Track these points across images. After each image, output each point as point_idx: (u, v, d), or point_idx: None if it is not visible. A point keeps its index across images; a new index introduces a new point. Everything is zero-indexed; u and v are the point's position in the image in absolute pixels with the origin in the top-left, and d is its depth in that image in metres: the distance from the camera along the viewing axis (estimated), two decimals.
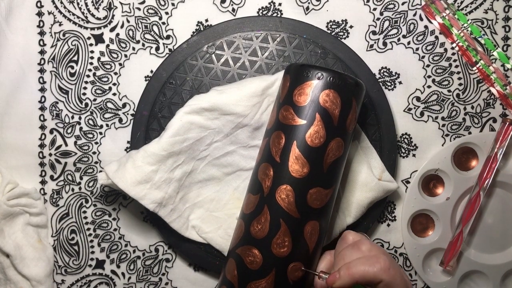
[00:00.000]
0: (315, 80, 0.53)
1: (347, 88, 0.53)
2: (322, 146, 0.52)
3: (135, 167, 0.57)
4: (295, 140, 0.52)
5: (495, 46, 0.65)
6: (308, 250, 0.52)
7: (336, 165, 0.53)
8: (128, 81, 0.66)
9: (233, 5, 0.65)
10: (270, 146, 0.54)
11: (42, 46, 0.66)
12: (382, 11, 0.65)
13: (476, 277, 0.66)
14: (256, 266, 0.52)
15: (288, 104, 0.54)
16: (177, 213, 0.61)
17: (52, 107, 0.66)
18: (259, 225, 0.53)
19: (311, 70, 0.53)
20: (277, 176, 0.52)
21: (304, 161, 0.52)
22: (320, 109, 0.52)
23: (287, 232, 0.52)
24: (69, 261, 0.67)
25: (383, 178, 0.62)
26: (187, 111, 0.59)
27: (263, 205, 0.53)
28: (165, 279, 0.67)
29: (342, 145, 0.53)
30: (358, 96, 0.55)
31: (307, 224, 0.52)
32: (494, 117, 0.65)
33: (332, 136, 0.52)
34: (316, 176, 0.52)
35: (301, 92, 0.53)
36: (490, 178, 0.63)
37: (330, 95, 0.52)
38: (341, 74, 0.53)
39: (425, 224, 0.66)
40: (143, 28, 0.65)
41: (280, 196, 0.52)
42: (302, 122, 0.52)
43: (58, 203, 0.66)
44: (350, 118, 0.53)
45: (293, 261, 0.52)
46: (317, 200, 0.52)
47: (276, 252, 0.52)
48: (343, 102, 0.53)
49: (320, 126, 0.52)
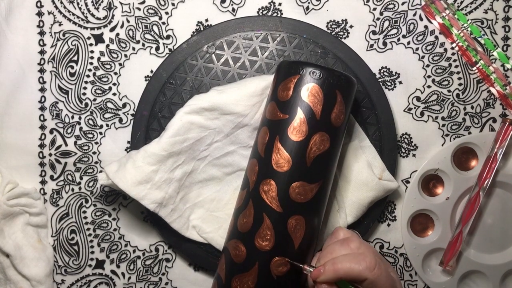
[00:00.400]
0: (297, 76, 0.53)
1: (330, 82, 0.53)
2: (304, 140, 0.52)
3: (135, 167, 0.57)
4: (278, 134, 0.53)
5: (495, 46, 0.65)
6: (293, 245, 0.52)
7: (322, 160, 0.53)
8: (128, 81, 0.66)
9: (233, 5, 0.65)
10: (258, 142, 0.55)
11: (42, 46, 0.66)
12: (382, 11, 0.65)
13: (475, 277, 0.66)
14: (241, 259, 0.53)
15: (273, 100, 0.55)
16: (177, 213, 0.61)
17: (52, 107, 0.66)
18: (245, 218, 0.54)
19: (294, 65, 0.54)
20: (262, 171, 0.53)
21: (286, 155, 0.52)
22: (302, 104, 0.53)
23: (269, 226, 0.52)
24: (69, 261, 0.67)
25: (383, 177, 0.62)
26: (187, 111, 0.59)
27: (248, 199, 0.54)
28: (165, 279, 0.67)
29: (328, 139, 0.53)
30: (345, 90, 0.54)
31: (291, 218, 0.52)
32: (494, 117, 0.65)
33: (315, 130, 0.52)
34: (299, 170, 0.52)
35: (284, 87, 0.54)
36: (490, 178, 0.63)
37: (312, 89, 0.53)
38: (324, 68, 0.53)
39: (424, 224, 0.66)
40: (143, 28, 0.65)
41: (263, 190, 0.53)
42: (284, 116, 0.53)
43: (58, 203, 0.66)
44: (335, 112, 0.53)
45: (276, 255, 0.52)
46: (300, 194, 0.52)
47: (259, 246, 0.52)
48: (326, 96, 0.53)
49: (302, 121, 0.52)
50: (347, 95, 0.55)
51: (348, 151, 0.62)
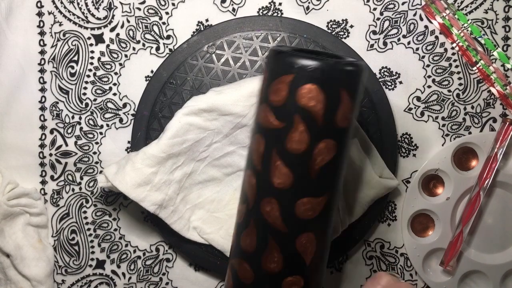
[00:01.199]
0: (291, 75, 0.44)
1: (332, 78, 0.44)
2: (307, 151, 0.44)
3: (134, 169, 0.57)
4: (275, 146, 0.45)
5: (495, 46, 0.65)
6: (304, 263, 0.47)
7: (329, 169, 0.46)
8: (129, 81, 0.66)
9: (233, 5, 0.65)
10: (252, 151, 0.48)
11: (42, 46, 0.66)
12: (382, 11, 0.65)
13: (476, 277, 0.66)
14: (249, 280, 0.48)
15: (265, 103, 0.46)
16: (178, 214, 0.61)
17: (52, 107, 0.66)
18: (248, 238, 0.48)
19: (286, 61, 0.44)
20: (260, 187, 0.47)
21: (287, 170, 0.45)
22: (299, 109, 0.44)
23: (276, 247, 0.46)
24: (70, 261, 0.67)
25: (383, 175, 0.62)
26: (185, 113, 0.59)
27: (249, 219, 0.48)
28: (166, 279, 0.67)
29: (334, 146, 0.45)
30: (352, 83, 0.45)
31: (299, 237, 0.46)
32: (494, 117, 0.65)
33: (318, 139, 0.45)
34: (303, 185, 0.45)
35: (277, 88, 0.45)
36: (490, 178, 0.63)
37: (310, 90, 0.43)
38: (323, 60, 0.44)
39: (425, 224, 0.66)
40: (143, 28, 0.65)
41: (264, 209, 0.46)
42: (280, 125, 0.45)
43: (58, 203, 0.66)
44: (341, 114, 0.45)
45: (286, 276, 0.47)
46: (308, 210, 0.46)
47: (266, 268, 0.47)
48: (328, 97, 0.44)
49: (302, 129, 0.44)
50: (355, 88, 0.45)
51: None
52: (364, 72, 0.46)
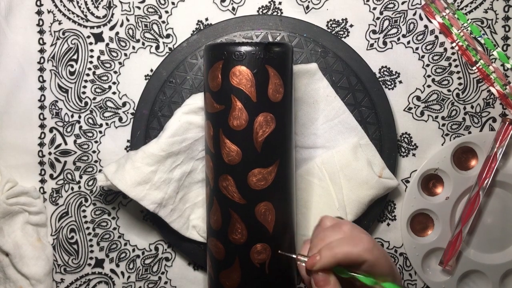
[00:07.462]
0: (221, 61, 0.51)
1: (256, 58, 0.50)
2: (247, 127, 0.51)
3: (134, 168, 0.57)
4: (220, 127, 0.51)
5: (495, 45, 0.65)
6: (267, 231, 0.52)
7: (272, 140, 0.51)
8: (128, 80, 0.66)
9: (233, 4, 0.65)
10: (206, 137, 0.54)
11: (41, 45, 0.66)
12: (382, 10, 0.65)
13: (475, 276, 0.66)
14: (222, 256, 0.53)
15: (208, 91, 0.53)
16: (177, 213, 0.61)
17: (52, 106, 0.66)
18: (215, 216, 0.53)
19: (216, 50, 0.51)
20: (216, 167, 0.53)
21: (234, 147, 0.51)
22: (234, 90, 0.50)
23: (238, 219, 0.52)
24: (69, 260, 0.67)
25: (383, 175, 0.62)
26: (185, 111, 0.59)
27: (212, 197, 0.54)
28: (165, 278, 0.67)
29: (272, 118, 0.51)
30: (277, 60, 0.51)
31: (257, 206, 0.52)
32: (493, 116, 0.65)
33: (255, 113, 0.51)
34: (251, 158, 0.51)
35: (213, 76, 0.52)
36: (489, 177, 0.63)
37: (239, 72, 0.50)
38: (247, 44, 0.50)
39: (424, 223, 0.66)
40: (143, 27, 0.65)
41: (222, 186, 0.52)
42: (221, 107, 0.51)
43: (57, 202, 0.66)
44: (272, 88, 0.51)
45: (253, 244, 0.52)
46: (260, 181, 0.51)
47: (233, 240, 0.52)
48: (256, 75, 0.50)
49: (239, 108, 0.50)
50: (281, 64, 0.52)
51: (348, 149, 0.62)
52: (288, 50, 0.52)
